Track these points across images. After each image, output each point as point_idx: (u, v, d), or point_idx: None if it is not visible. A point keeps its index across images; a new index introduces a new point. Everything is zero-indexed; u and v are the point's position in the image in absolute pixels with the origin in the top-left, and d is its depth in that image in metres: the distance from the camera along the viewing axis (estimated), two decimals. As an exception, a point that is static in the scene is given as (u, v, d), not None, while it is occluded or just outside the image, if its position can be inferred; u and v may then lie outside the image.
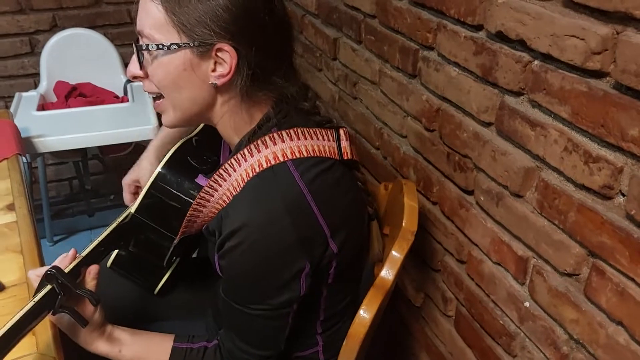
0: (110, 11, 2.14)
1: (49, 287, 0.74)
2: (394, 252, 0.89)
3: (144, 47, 0.77)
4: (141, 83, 0.83)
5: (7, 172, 1.19)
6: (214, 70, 0.77)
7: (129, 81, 2.03)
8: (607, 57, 0.65)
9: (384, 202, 1.08)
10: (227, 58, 0.75)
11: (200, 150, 0.98)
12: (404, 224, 0.91)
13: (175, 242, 0.89)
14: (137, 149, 1.97)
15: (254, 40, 0.76)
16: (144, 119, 1.77)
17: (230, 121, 0.83)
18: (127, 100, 1.93)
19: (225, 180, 0.79)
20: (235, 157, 0.79)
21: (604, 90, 0.67)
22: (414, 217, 0.93)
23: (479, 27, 0.88)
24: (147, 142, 1.80)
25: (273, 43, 0.79)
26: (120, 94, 2.04)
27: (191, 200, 0.86)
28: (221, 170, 0.80)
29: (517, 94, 0.82)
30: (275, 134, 0.79)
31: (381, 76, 1.26)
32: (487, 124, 0.91)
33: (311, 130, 0.82)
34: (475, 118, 0.93)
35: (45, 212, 2.25)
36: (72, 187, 2.44)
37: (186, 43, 0.75)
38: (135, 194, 1.13)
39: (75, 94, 1.96)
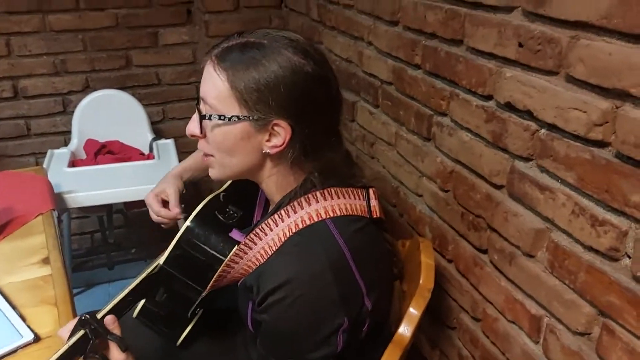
0: (139, 73, 2.26)
1: (82, 331, 0.78)
2: (411, 309, 0.93)
3: (206, 117, 0.84)
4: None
5: (43, 227, 1.25)
6: (268, 141, 0.84)
7: (154, 139, 2.13)
8: (608, 129, 0.71)
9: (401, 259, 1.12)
10: (282, 132, 0.82)
11: (226, 205, 1.03)
12: (421, 281, 0.95)
13: (203, 295, 0.93)
14: (160, 204, 2.04)
15: (309, 119, 0.83)
16: (168, 175, 1.85)
17: (276, 182, 0.89)
18: (153, 157, 2.02)
19: (261, 239, 0.84)
20: (274, 215, 0.84)
21: (607, 159, 0.72)
22: (431, 274, 0.97)
23: (489, 97, 0.95)
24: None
25: (326, 121, 0.86)
26: (146, 151, 2.13)
27: (219, 255, 0.90)
28: (259, 229, 0.85)
29: (526, 159, 0.88)
30: (312, 194, 0.85)
31: (397, 138, 1.32)
32: (499, 187, 0.96)
33: (344, 190, 0.88)
34: (488, 180, 0.98)
35: (68, 265, 2.31)
36: (93, 241, 2.50)
37: (246, 116, 0.82)
38: (163, 205, 1.15)
39: (104, 152, 2.05)
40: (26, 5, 2.03)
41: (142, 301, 1.10)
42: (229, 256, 0.86)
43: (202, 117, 0.85)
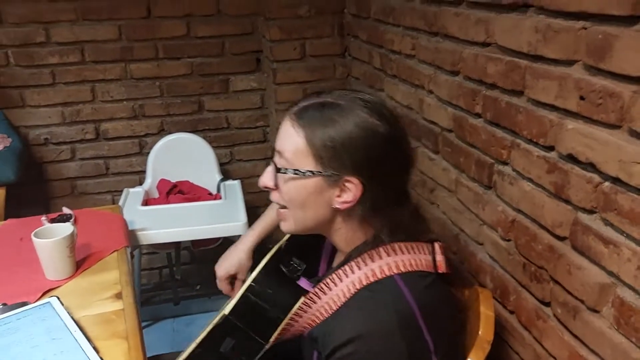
0: (210, 117, 2.39)
1: None
2: (470, 361, 0.91)
3: (282, 170, 0.88)
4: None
5: (117, 263, 1.33)
6: (339, 196, 0.87)
7: (222, 180, 2.23)
8: (674, 184, 0.70)
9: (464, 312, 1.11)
10: (352, 188, 0.85)
11: (290, 257, 1.05)
12: (480, 333, 0.94)
13: (266, 347, 0.94)
14: (225, 242, 2.11)
15: (380, 178, 0.86)
16: (234, 215, 1.93)
17: (345, 236, 0.92)
18: (220, 198, 2.11)
19: (326, 293, 0.86)
20: (342, 268, 0.87)
21: (673, 215, 0.70)
22: (490, 326, 0.96)
23: (550, 148, 0.95)
24: (236, 237, 1.93)
25: (396, 180, 0.89)
26: (214, 191, 2.22)
27: (285, 307, 0.91)
28: (326, 282, 0.87)
29: (590, 212, 0.86)
30: (381, 249, 0.87)
31: (457, 185, 1.33)
32: (562, 238, 0.94)
33: (410, 245, 0.89)
34: (550, 232, 0.97)
35: (137, 299, 2.41)
36: (161, 276, 2.61)
37: (320, 172, 0.85)
38: (231, 283, 1.22)
39: (175, 191, 2.16)
40: (111, 55, 2.21)
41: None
42: (296, 307, 0.88)
43: (277, 170, 0.89)
